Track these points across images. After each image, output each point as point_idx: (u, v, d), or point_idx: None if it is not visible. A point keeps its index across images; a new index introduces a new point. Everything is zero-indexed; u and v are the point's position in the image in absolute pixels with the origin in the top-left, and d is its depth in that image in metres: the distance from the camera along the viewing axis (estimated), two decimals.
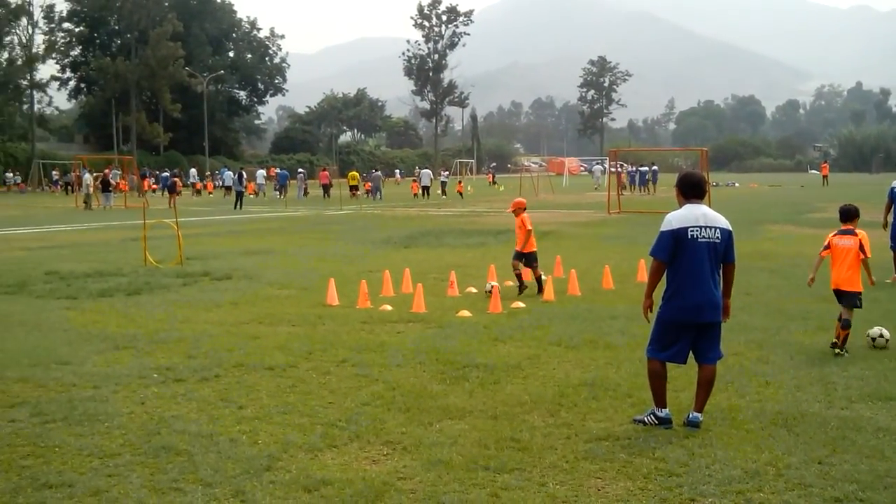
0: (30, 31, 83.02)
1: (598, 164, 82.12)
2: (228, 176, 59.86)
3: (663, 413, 6.93)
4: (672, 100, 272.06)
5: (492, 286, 13.29)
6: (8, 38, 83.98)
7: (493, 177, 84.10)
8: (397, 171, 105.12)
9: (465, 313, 11.96)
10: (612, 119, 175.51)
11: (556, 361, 9.16)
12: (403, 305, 12.66)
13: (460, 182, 60.87)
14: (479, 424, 6.94)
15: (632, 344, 9.84)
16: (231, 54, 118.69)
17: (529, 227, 14.12)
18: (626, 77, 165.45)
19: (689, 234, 6.76)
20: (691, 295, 6.77)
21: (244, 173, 50.79)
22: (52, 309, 12.68)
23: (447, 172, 70.18)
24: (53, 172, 76.95)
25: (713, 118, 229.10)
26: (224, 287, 14.89)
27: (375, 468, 5.98)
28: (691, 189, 7.02)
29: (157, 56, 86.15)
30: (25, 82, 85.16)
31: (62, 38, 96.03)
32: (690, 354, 7.01)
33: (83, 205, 44.26)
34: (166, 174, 68.23)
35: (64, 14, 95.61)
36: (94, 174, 49.73)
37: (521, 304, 12.74)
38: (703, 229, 6.78)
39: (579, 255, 19.35)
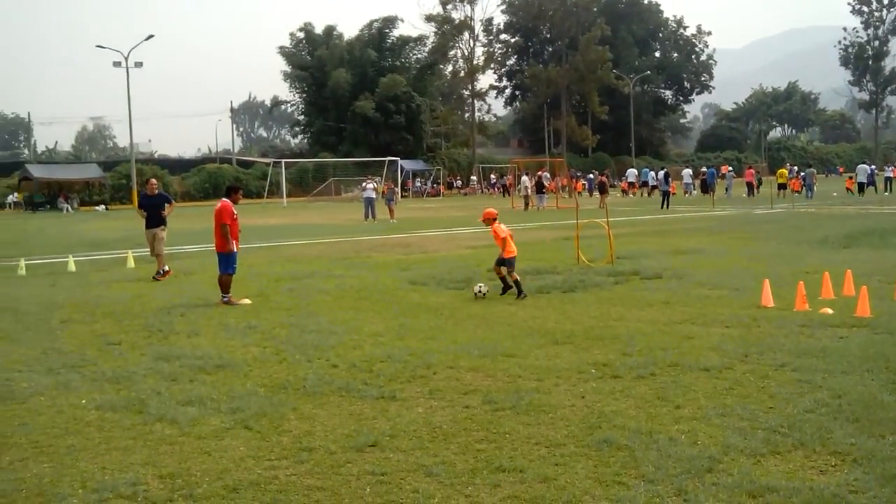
0: (471, 45, 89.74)
1: None
2: (651, 176, 60.19)
3: None
4: None
5: (484, 289, 14.17)
6: (452, 52, 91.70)
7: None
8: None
9: None
10: None
11: None
12: (846, 309, 11.91)
13: None
14: None
15: None
16: (657, 54, 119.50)
17: (503, 236, 14.54)
18: None
19: None
20: None
21: (670, 172, 50.72)
22: (497, 304, 13.59)
23: (892, 167, 64.70)
24: (492, 176, 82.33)
25: None
26: (654, 286, 14.99)
27: (823, 479, 5.70)
28: None
29: (586, 60, 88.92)
30: (467, 92, 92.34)
31: (499, 49, 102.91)
32: None
33: (523, 205, 46.75)
34: (591, 176, 70.18)
35: (501, 26, 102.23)
36: (531, 176, 52.39)
37: None
38: None
39: None
